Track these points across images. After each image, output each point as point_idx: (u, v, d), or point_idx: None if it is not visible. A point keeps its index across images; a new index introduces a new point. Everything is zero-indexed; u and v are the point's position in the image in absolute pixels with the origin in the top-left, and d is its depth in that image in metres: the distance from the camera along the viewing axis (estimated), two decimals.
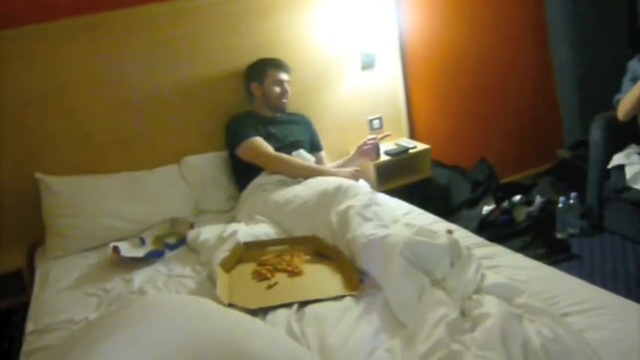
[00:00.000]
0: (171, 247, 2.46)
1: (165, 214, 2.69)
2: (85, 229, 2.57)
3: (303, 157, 2.84)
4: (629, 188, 2.90)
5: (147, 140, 2.86)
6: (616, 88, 3.05)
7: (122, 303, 1.98)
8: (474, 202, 3.39)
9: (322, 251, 2.18)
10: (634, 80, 2.97)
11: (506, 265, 1.93)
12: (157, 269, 2.29)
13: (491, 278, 1.76)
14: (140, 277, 2.23)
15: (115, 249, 2.37)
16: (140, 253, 2.39)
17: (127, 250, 2.44)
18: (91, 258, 2.47)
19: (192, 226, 2.59)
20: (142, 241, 2.53)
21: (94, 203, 2.61)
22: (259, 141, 2.80)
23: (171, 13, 2.83)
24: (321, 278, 2.01)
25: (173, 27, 2.83)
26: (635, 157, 2.95)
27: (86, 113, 2.72)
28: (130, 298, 2.05)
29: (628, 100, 2.89)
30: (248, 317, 1.44)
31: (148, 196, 2.71)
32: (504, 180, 3.75)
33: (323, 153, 3.07)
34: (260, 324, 1.45)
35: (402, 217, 2.38)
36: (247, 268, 2.12)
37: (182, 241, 2.51)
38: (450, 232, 1.99)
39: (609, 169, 3.05)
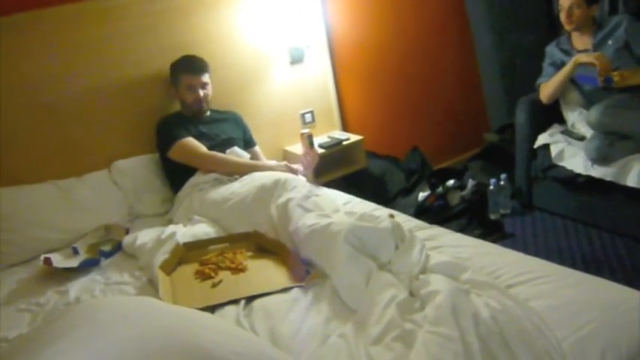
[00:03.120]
0: (107, 255, 2.37)
1: (99, 222, 2.59)
2: (13, 242, 2.43)
3: (237, 154, 2.79)
4: (555, 166, 3.03)
5: (74, 146, 2.73)
6: (537, 71, 3.17)
7: (60, 312, 1.88)
8: (409, 190, 3.45)
9: (264, 246, 2.15)
10: (553, 65, 3.10)
11: (448, 244, 1.96)
12: (94, 278, 2.20)
13: (436, 258, 1.79)
14: (75, 287, 2.13)
15: (47, 260, 2.26)
16: (74, 263, 2.29)
17: (59, 261, 2.33)
18: (20, 272, 2.34)
19: (127, 232, 2.50)
20: (75, 251, 2.43)
21: (20, 215, 2.48)
22: (191, 141, 2.73)
23: (94, 13, 2.70)
24: (266, 272, 1.98)
25: (95, 27, 2.71)
26: (559, 136, 3.07)
27: (7, 120, 2.56)
28: (67, 307, 1.95)
29: (551, 84, 3.03)
30: (195, 311, 1.39)
31: (78, 204, 2.60)
32: (437, 167, 3.84)
33: (257, 148, 3.03)
34: (208, 317, 1.41)
35: (342, 207, 2.38)
36: (189, 269, 2.06)
37: (118, 247, 2.42)
38: (391, 216, 2.01)
39: (535, 149, 3.17)
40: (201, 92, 2.79)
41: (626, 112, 2.76)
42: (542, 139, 3.13)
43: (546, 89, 3.07)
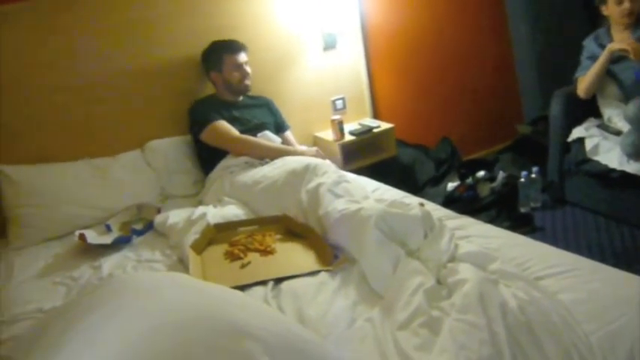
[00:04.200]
0: (139, 233, 2.41)
1: (131, 201, 2.64)
2: (48, 218, 2.49)
3: (268, 138, 2.81)
4: (589, 160, 2.98)
5: (109, 126, 2.78)
6: (574, 64, 3.12)
7: (94, 285, 1.93)
8: (439, 180, 3.44)
9: (293, 230, 2.17)
10: (591, 58, 3.05)
11: (477, 234, 1.96)
12: (126, 255, 2.25)
13: (465, 247, 1.78)
14: (108, 263, 2.18)
15: (82, 236, 2.31)
16: (107, 239, 2.34)
17: (93, 237, 2.38)
18: (55, 247, 2.40)
19: (158, 212, 2.54)
20: (108, 228, 2.48)
21: (56, 192, 2.54)
22: (223, 124, 2.76)
23: None
24: (294, 256, 2.00)
25: (131, 9, 2.75)
26: (594, 130, 3.02)
27: (43, 99, 2.62)
28: (101, 281, 2.00)
29: (588, 77, 2.97)
30: (225, 288, 1.42)
31: (111, 183, 2.65)
32: (467, 157, 3.81)
33: (289, 133, 3.05)
34: (238, 294, 1.43)
35: (371, 194, 2.38)
36: (219, 250, 2.10)
37: (149, 226, 2.46)
38: (422, 205, 2.01)
39: (569, 143, 3.13)
40: (248, 69, 2.84)
41: None
42: (576, 133, 3.08)
43: (583, 83, 3.02)
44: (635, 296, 1.53)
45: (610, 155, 2.87)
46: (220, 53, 2.82)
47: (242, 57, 2.84)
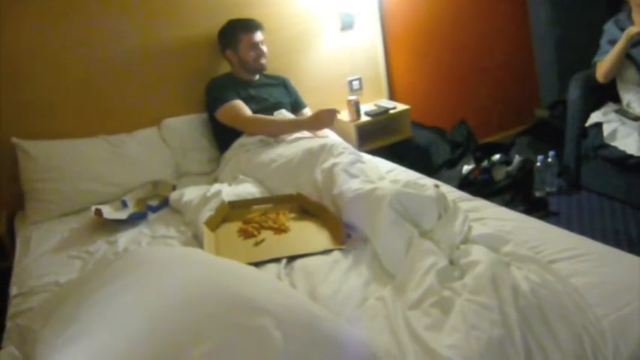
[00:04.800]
0: (154, 209, 2.44)
1: (147, 177, 2.66)
2: (65, 193, 2.52)
3: (284, 116, 2.81)
4: (607, 145, 2.95)
5: (125, 103, 2.81)
6: (593, 48, 3.08)
7: (109, 259, 1.96)
8: (454, 162, 3.43)
9: (307, 208, 2.18)
10: (611, 42, 3.00)
11: (491, 217, 1.96)
12: (141, 231, 2.27)
13: (478, 229, 1.78)
14: (124, 238, 2.20)
15: (98, 211, 2.34)
16: (123, 215, 2.36)
17: (109, 212, 2.41)
18: (72, 222, 2.43)
19: (174, 188, 2.56)
20: (124, 204, 2.51)
21: (73, 167, 2.56)
22: (238, 104, 2.76)
23: None
24: (308, 234, 2.01)
25: None
26: (612, 115, 2.99)
27: (60, 76, 2.65)
28: (117, 255, 2.03)
29: (607, 61, 2.93)
30: (238, 264, 1.43)
31: (128, 160, 2.67)
32: (483, 140, 3.79)
33: (307, 110, 3.05)
34: (251, 269, 1.45)
35: (386, 175, 2.38)
36: (233, 227, 2.11)
37: (164, 202, 2.49)
38: (437, 186, 2.00)
39: (587, 128, 3.10)
40: (264, 48, 2.84)
41: None
42: (594, 118, 3.05)
43: (602, 67, 2.98)
44: None
45: (628, 141, 2.84)
46: (236, 32, 2.82)
47: (258, 36, 2.83)
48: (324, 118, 2.66)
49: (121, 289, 1.20)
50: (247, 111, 2.75)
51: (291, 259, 1.82)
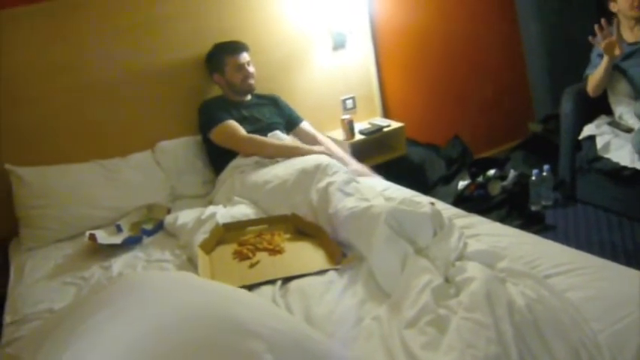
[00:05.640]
0: (149, 233, 2.43)
1: (141, 201, 2.65)
2: (59, 219, 2.52)
3: (279, 138, 2.82)
4: (601, 158, 2.96)
5: (119, 127, 2.81)
6: (584, 61, 3.10)
7: (103, 284, 1.95)
8: (449, 179, 3.42)
9: (302, 229, 2.18)
10: (601, 56, 3.02)
11: (486, 233, 1.95)
12: (136, 255, 2.26)
13: (473, 246, 1.78)
14: (119, 263, 2.19)
15: (92, 236, 2.33)
16: (117, 239, 2.35)
17: (104, 237, 2.40)
18: (66, 248, 2.42)
19: (168, 212, 2.56)
20: (119, 229, 2.50)
21: (67, 193, 2.56)
22: (232, 124, 2.76)
23: None
24: (303, 255, 2.01)
25: (140, 11, 2.77)
26: (605, 128, 3.00)
27: (52, 101, 2.65)
28: (110, 280, 2.02)
29: (594, 78, 2.96)
30: (232, 287, 1.43)
31: (122, 184, 2.66)
32: (478, 156, 3.79)
33: (305, 124, 3.04)
34: (245, 293, 1.44)
35: (381, 193, 2.38)
36: (228, 249, 2.10)
37: (159, 226, 2.48)
38: (432, 203, 2.00)
39: (580, 141, 3.10)
40: (251, 69, 2.84)
41: None
42: (587, 130, 3.06)
43: (590, 82, 3.00)
44: None
45: (621, 153, 2.84)
46: (222, 55, 2.84)
47: (243, 57, 2.84)
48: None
49: (114, 314, 1.19)
50: (242, 131, 2.75)
51: (287, 280, 1.81)
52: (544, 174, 3.19)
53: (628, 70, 2.97)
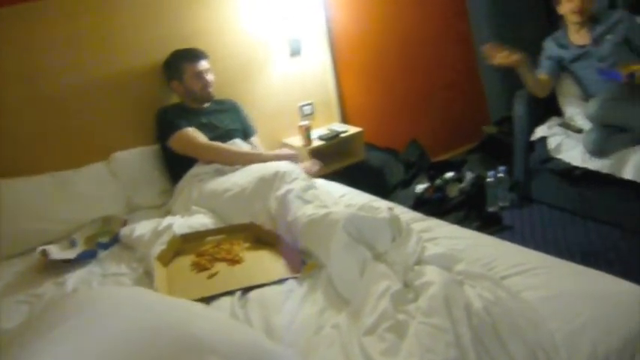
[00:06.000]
0: (105, 247, 2.37)
1: (96, 213, 2.59)
2: (10, 234, 2.43)
3: (238, 146, 2.79)
4: (553, 158, 3.03)
5: (72, 138, 2.73)
6: (534, 63, 3.16)
7: (53, 302, 1.89)
8: (408, 182, 3.46)
9: (261, 237, 2.16)
10: (549, 59, 3.11)
11: (444, 236, 1.97)
12: (91, 270, 2.20)
13: (431, 249, 1.79)
14: (73, 279, 2.13)
15: (44, 252, 2.27)
16: (71, 254, 2.29)
17: (57, 252, 2.33)
18: (17, 264, 2.33)
19: (125, 223, 2.50)
20: (73, 243, 2.43)
21: (18, 206, 2.47)
22: (191, 131, 2.73)
23: (93, 4, 2.70)
24: (262, 264, 1.99)
25: (94, 18, 2.70)
26: (556, 129, 3.07)
27: (4, 113, 2.56)
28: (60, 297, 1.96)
29: (528, 83, 3.03)
30: (188, 302, 1.41)
31: (76, 196, 2.60)
32: (436, 159, 3.84)
33: (255, 138, 3.03)
34: (201, 307, 1.42)
35: (340, 199, 2.39)
36: (186, 260, 2.07)
37: (115, 239, 2.42)
38: (390, 209, 2.01)
39: (533, 142, 3.17)
40: (209, 77, 2.81)
41: (625, 105, 2.76)
42: (540, 132, 3.13)
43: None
44: (598, 292, 1.56)
45: (573, 153, 2.92)
46: (180, 62, 2.80)
47: (202, 65, 2.81)
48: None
49: (65, 333, 1.15)
50: (202, 137, 2.72)
51: (246, 290, 1.79)
52: (500, 175, 3.24)
53: (576, 72, 3.05)
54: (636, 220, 2.76)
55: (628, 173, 2.68)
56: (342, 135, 3.29)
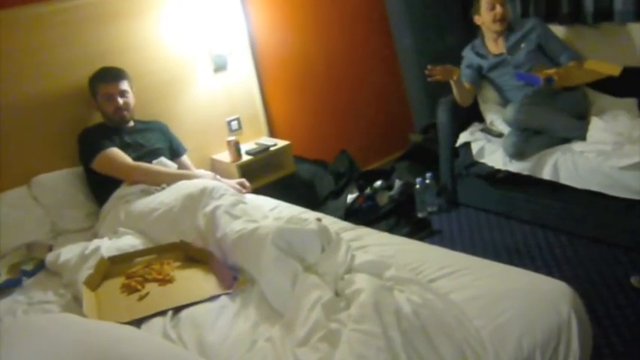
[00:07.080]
0: (29, 274, 2.28)
1: (19, 241, 2.50)
2: None
3: (164, 164, 2.75)
4: (477, 163, 3.14)
5: None
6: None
7: None
8: (338, 193, 3.49)
9: (192, 255, 2.13)
10: (469, 67, 3.23)
11: (373, 244, 2.01)
12: (15, 299, 2.11)
13: (361, 257, 1.82)
14: None
15: None
16: None
17: None
18: None
19: (50, 249, 2.42)
20: None
21: None
22: (116, 152, 2.67)
23: (7, 24, 2.60)
24: (194, 282, 1.96)
25: (9, 39, 2.61)
26: (479, 134, 3.19)
27: None
28: None
29: (454, 93, 3.14)
30: (116, 325, 1.38)
31: None
32: (365, 168, 3.90)
33: (185, 157, 3.00)
34: (130, 330, 1.39)
35: (270, 213, 2.39)
36: (115, 283, 2.02)
37: (40, 266, 2.33)
38: (318, 219, 2.03)
39: (457, 148, 3.27)
40: (120, 100, 2.73)
41: (540, 109, 2.90)
42: (463, 138, 3.24)
43: (455, 95, 3.19)
44: (522, 289, 1.62)
45: (494, 157, 3.03)
46: (94, 82, 2.74)
47: (114, 87, 2.72)
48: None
49: None
50: (127, 158, 2.67)
51: (178, 309, 1.77)
52: (427, 182, 3.33)
53: (495, 79, 3.18)
54: (555, 218, 2.89)
55: (546, 174, 2.81)
56: (272, 149, 3.29)
